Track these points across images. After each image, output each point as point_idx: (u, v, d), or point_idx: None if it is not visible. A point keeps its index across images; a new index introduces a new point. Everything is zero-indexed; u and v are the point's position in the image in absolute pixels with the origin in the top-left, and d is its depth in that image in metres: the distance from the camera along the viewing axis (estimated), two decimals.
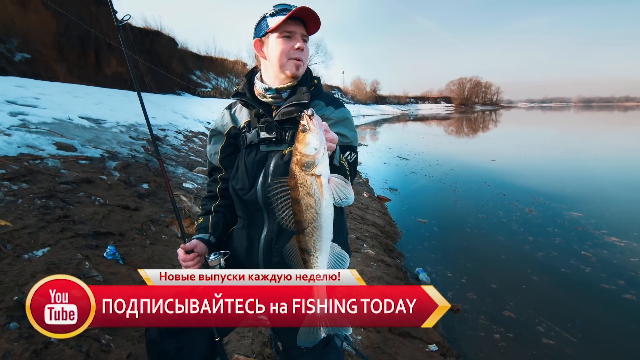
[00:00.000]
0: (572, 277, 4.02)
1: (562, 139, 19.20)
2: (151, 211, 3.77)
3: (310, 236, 1.13)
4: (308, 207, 1.10)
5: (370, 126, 30.91)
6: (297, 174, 1.09)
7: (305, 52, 1.38)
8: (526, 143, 16.98)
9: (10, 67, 9.92)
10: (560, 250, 4.69)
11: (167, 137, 7.75)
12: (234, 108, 1.53)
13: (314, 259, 1.15)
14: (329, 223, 1.14)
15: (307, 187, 1.09)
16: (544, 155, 12.82)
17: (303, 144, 1.07)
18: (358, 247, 4.31)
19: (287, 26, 1.33)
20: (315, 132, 1.07)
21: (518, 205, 6.59)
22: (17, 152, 3.73)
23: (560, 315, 3.34)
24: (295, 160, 1.09)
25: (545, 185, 7.95)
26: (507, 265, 4.36)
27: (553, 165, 10.74)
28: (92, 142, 5.10)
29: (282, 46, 1.35)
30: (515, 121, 41.16)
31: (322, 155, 1.08)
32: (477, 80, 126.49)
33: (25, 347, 1.70)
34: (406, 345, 2.69)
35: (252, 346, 2.29)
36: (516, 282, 3.97)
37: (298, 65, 1.36)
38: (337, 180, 1.12)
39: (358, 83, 73.65)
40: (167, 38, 21.00)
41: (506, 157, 12.47)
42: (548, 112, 71.29)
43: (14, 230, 2.58)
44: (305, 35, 1.37)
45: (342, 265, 1.17)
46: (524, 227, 5.50)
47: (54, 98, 6.86)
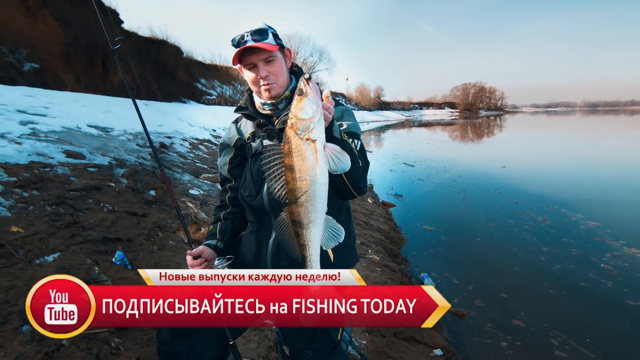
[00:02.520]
0: (592, 292, 3.83)
1: (569, 144, 18.99)
2: (158, 217, 3.82)
3: (304, 206, 1.08)
4: (302, 174, 1.06)
5: (375, 132, 30.95)
6: (292, 139, 1.05)
7: (273, 72, 1.39)
8: (534, 149, 16.81)
9: (20, 77, 10.08)
10: (577, 262, 4.48)
11: (174, 145, 7.84)
12: (240, 122, 1.61)
13: (307, 232, 1.11)
14: (324, 193, 1.10)
15: (302, 153, 1.05)
16: (553, 160, 12.59)
17: (299, 107, 1.04)
18: (363, 252, 4.33)
19: (246, 58, 1.37)
20: (312, 95, 1.04)
21: (531, 214, 6.37)
22: (27, 160, 3.81)
23: (578, 330, 3.20)
24: (290, 125, 1.06)
25: (559, 193, 7.74)
26: (521, 276, 4.21)
27: (564, 172, 10.48)
28: (100, 150, 5.18)
29: (249, 77, 1.41)
30: (521, 126, 40.93)
31: (318, 120, 1.05)
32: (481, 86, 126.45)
33: (37, 350, 1.74)
34: (411, 349, 2.70)
35: (258, 350, 2.31)
36: (529, 294, 3.84)
37: (269, 89, 1.40)
38: (333, 147, 1.08)
39: (362, 89, 73.88)
40: (172, 47, 21.22)
41: (516, 163, 12.19)
42: (554, 117, 70.89)
43: (25, 236, 2.63)
44: (270, 56, 1.37)
45: (337, 239, 1.14)
46: (537, 237, 5.31)
47: (63, 107, 6.98)
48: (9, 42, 10.40)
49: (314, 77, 41.54)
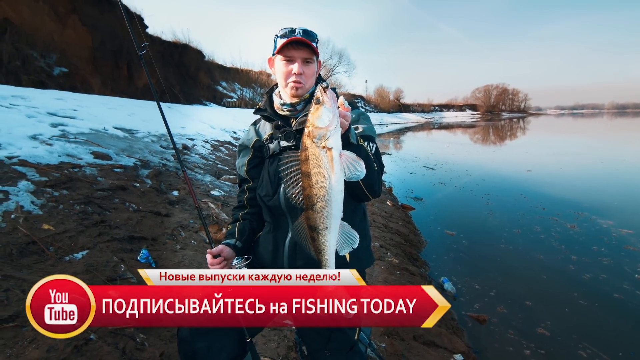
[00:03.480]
0: (626, 304, 3.63)
1: (597, 148, 18.26)
2: (181, 217, 3.91)
3: (319, 212, 1.10)
4: (318, 180, 1.08)
5: (394, 135, 30.70)
6: (308, 146, 1.07)
7: (307, 73, 1.42)
8: (560, 152, 16.23)
9: (50, 80, 10.50)
10: (609, 272, 4.24)
11: (196, 147, 8.00)
12: (258, 124, 1.64)
13: (323, 237, 1.13)
14: (339, 200, 1.12)
15: (318, 160, 1.07)
16: (580, 164, 12.11)
17: (315, 116, 1.06)
18: (382, 255, 4.30)
19: (289, 50, 1.40)
20: (328, 104, 1.06)
21: (559, 220, 6.09)
22: (58, 161, 3.96)
23: (610, 343, 3.05)
24: (307, 133, 1.08)
25: (588, 199, 7.39)
26: (547, 285, 4.02)
27: (593, 176, 10.04)
28: (126, 151, 5.34)
29: (282, 69, 1.43)
30: (546, 129, 39.76)
31: (335, 128, 1.07)
32: (504, 87, 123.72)
33: (67, 343, 1.81)
34: (431, 353, 2.67)
35: (278, 349, 2.34)
36: (557, 303, 3.68)
37: (296, 87, 1.42)
38: (349, 155, 1.09)
39: (381, 91, 73.41)
40: (194, 51, 21.66)
41: (542, 167, 11.69)
42: (580, 119, 68.66)
43: (55, 233, 2.74)
44: (309, 57, 1.42)
45: (351, 245, 1.15)
46: (565, 245, 5.05)
47: (91, 110, 7.23)
48: (40, 48, 10.85)
49: (333, 79, 41.54)
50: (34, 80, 9.75)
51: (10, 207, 2.83)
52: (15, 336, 1.79)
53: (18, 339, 1.78)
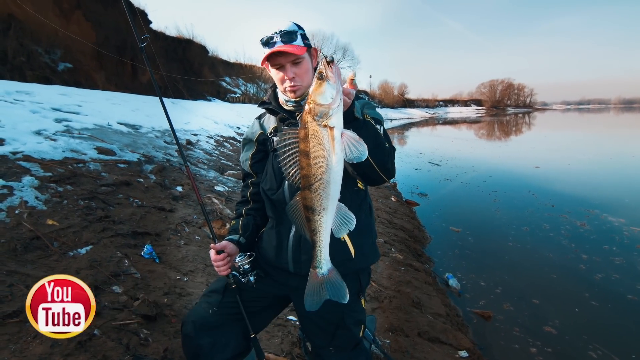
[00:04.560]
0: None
1: (605, 143, 17.95)
2: (185, 213, 3.90)
3: (317, 193, 1.05)
4: (317, 160, 1.03)
5: (398, 130, 30.56)
6: (309, 124, 1.01)
7: (300, 73, 1.38)
8: (568, 147, 16.04)
9: (54, 76, 10.53)
10: (622, 272, 4.15)
11: (199, 142, 7.99)
12: (263, 118, 1.62)
13: (319, 218, 1.09)
14: (338, 180, 1.07)
15: (319, 139, 1.01)
16: (589, 160, 11.91)
17: (318, 92, 0.99)
18: (386, 251, 4.28)
19: (275, 59, 1.36)
20: (333, 80, 0.99)
21: (568, 217, 5.99)
22: (62, 156, 3.96)
23: (624, 346, 2.96)
24: (308, 110, 1.02)
25: (598, 196, 7.25)
26: (557, 284, 3.96)
27: (603, 173, 9.80)
28: (129, 146, 5.34)
29: (276, 76, 1.41)
30: (553, 124, 39.36)
31: (337, 106, 1.01)
32: (509, 82, 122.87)
33: (70, 339, 1.80)
34: (436, 350, 2.65)
35: (282, 345, 2.33)
36: (566, 303, 3.60)
37: (294, 90, 1.40)
38: (351, 135, 1.04)
39: (385, 87, 73.05)
40: (198, 46, 21.64)
41: (550, 163, 11.48)
42: (586, 114, 67.91)
43: (60, 229, 2.74)
44: (298, 57, 1.36)
45: (348, 227, 1.11)
46: (575, 244, 4.96)
47: (95, 105, 7.23)
48: (45, 43, 10.86)
49: None
50: (39, 75, 9.77)
51: (14, 203, 2.82)
52: (19, 331, 1.79)
53: (22, 335, 1.77)
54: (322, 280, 1.16)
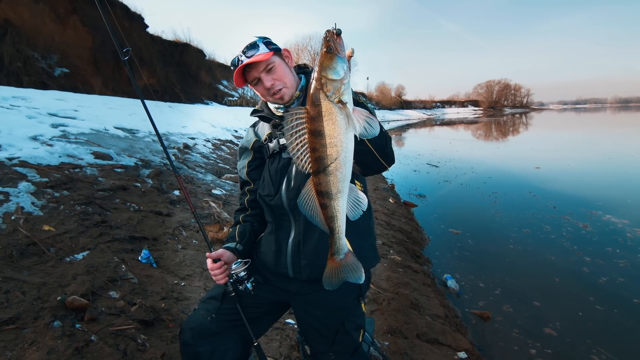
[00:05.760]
0: None
1: (603, 143, 17.85)
2: (182, 217, 3.89)
3: (333, 175, 0.99)
4: (332, 139, 0.95)
5: (396, 131, 30.58)
6: (322, 101, 0.94)
7: (278, 77, 1.39)
8: (567, 147, 15.97)
9: (51, 81, 10.51)
10: (627, 275, 4.05)
11: (197, 145, 7.98)
12: (257, 125, 1.63)
13: (335, 203, 1.02)
14: (351, 160, 1.02)
15: (333, 117, 0.94)
16: (589, 160, 11.84)
17: (329, 67, 0.92)
18: (384, 252, 4.28)
19: (249, 75, 1.40)
20: (343, 53, 0.93)
21: (570, 219, 5.89)
22: (58, 162, 3.95)
23: (630, 351, 2.92)
24: (318, 86, 0.94)
25: (600, 196, 7.16)
26: (559, 287, 3.90)
27: (603, 173, 9.77)
28: (126, 151, 5.33)
29: (259, 91, 1.44)
30: (549, 124, 39.38)
31: (348, 81, 0.95)
32: (506, 83, 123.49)
33: (67, 345, 1.80)
34: (434, 352, 2.65)
35: (280, 349, 2.32)
36: (569, 306, 3.54)
37: (280, 96, 1.40)
38: (362, 110, 0.98)
39: (383, 88, 73.25)
40: (195, 50, 21.64)
41: (551, 163, 11.37)
42: (583, 114, 68.11)
43: (56, 234, 2.73)
44: (268, 64, 1.37)
45: (361, 208, 1.07)
46: (578, 246, 4.87)
47: (91, 110, 7.22)
48: (41, 49, 10.85)
49: None
50: (35, 81, 9.76)
51: (10, 209, 2.81)
52: (15, 338, 1.78)
53: (18, 341, 1.76)
54: (340, 264, 1.13)
